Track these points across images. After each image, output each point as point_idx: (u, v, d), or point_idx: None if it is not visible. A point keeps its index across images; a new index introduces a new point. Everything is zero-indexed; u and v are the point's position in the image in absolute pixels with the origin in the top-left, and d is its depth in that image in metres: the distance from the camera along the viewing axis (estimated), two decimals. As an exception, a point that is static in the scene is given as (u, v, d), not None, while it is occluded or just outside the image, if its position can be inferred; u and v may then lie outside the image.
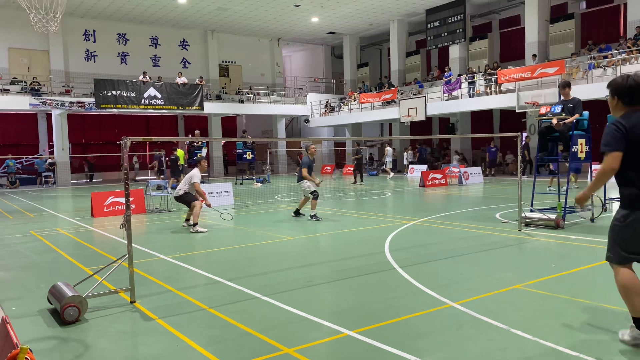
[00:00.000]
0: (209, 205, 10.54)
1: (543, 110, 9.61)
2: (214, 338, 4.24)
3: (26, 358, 1.97)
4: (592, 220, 9.55)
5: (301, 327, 4.45)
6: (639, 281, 3.62)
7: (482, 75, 25.61)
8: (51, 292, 5.09)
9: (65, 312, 4.63)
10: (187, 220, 10.73)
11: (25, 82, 27.16)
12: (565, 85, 9.40)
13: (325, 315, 4.69)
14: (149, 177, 26.26)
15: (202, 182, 10.76)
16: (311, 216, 11.17)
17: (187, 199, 10.40)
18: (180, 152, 22.99)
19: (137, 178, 29.30)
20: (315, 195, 11.21)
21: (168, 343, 4.15)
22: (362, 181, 22.61)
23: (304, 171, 11.24)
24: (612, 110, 3.75)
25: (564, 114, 9.08)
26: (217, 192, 14.67)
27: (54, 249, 8.54)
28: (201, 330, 4.42)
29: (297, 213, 11.66)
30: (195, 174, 10.47)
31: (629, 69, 19.45)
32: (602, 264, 6.39)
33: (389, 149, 27.34)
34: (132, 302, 5.19)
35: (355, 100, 32.71)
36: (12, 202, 17.90)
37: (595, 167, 18.81)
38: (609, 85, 3.75)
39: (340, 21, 32.55)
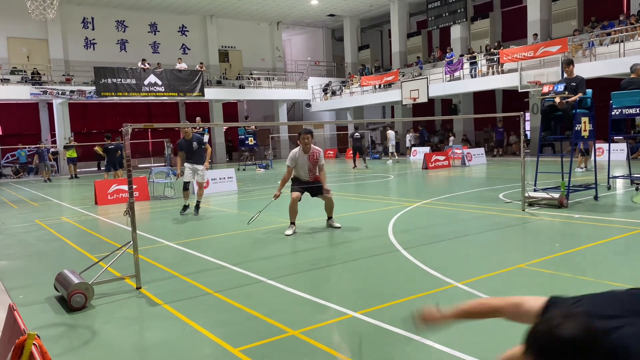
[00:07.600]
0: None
1: (546, 89, 9.53)
2: (221, 322, 4.27)
3: (34, 344, 1.98)
4: (595, 198, 9.53)
5: (306, 309, 4.48)
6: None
7: (484, 55, 25.39)
8: (57, 280, 5.12)
9: (72, 299, 4.66)
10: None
11: (25, 71, 27.07)
12: (569, 63, 9.34)
13: (330, 297, 4.72)
14: (152, 165, 26.24)
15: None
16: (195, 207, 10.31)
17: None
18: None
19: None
20: (184, 186, 10.54)
21: (175, 328, 4.18)
22: (365, 164, 22.54)
23: (177, 158, 10.72)
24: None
25: (566, 93, 9.02)
26: (219, 178, 14.69)
27: (59, 237, 8.59)
28: (207, 315, 4.45)
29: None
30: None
31: (632, 45, 19.26)
32: (606, 241, 6.39)
33: (391, 132, 27.01)
34: (138, 288, 5.22)
35: (356, 84, 32.51)
36: (16, 192, 17.97)
37: (599, 145, 18.68)
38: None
39: (340, 3, 32.23)
